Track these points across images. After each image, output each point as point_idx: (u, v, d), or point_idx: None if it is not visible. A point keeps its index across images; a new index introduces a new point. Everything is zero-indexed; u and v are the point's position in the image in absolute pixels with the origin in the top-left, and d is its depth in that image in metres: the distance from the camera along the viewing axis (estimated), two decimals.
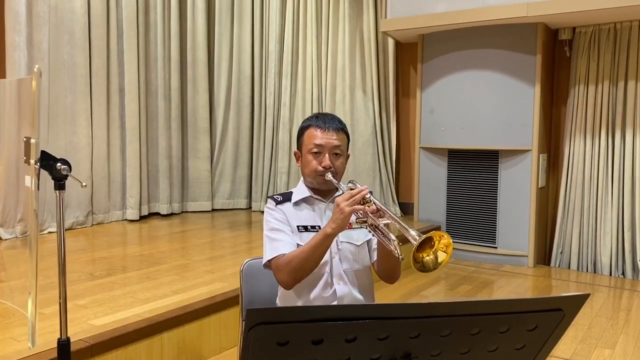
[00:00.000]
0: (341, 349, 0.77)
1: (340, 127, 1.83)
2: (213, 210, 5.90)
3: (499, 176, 4.84)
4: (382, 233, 1.56)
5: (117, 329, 2.38)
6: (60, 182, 1.39)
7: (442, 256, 1.41)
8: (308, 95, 5.64)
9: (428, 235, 1.38)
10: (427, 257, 1.40)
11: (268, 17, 5.84)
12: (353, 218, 1.65)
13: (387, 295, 3.86)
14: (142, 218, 5.29)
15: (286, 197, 1.84)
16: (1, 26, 4.26)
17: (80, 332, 2.36)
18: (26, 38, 4.30)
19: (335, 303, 1.72)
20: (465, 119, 4.91)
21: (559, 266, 4.84)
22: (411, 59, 5.55)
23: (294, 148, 6.75)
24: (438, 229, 2.96)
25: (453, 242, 1.45)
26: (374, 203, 1.60)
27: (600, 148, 4.60)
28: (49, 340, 2.20)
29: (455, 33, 4.89)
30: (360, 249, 1.80)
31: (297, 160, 1.88)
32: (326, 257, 1.74)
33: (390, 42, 5.54)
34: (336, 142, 1.78)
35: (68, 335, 1.62)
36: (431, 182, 5.21)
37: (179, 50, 5.52)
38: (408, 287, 4.12)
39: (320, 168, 1.76)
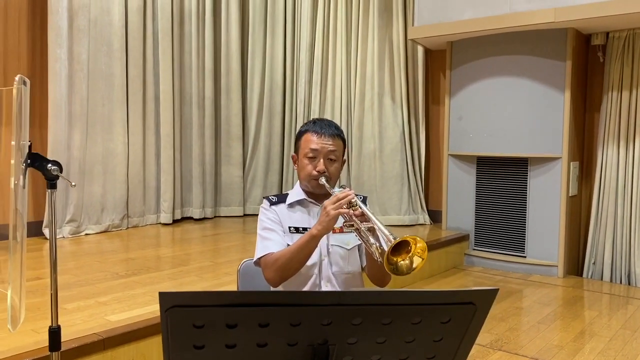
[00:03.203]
0: (256, 333, 0.83)
1: (336, 133, 1.87)
2: (245, 215, 6.04)
3: (528, 184, 4.76)
4: (364, 237, 1.60)
5: (130, 324, 2.50)
6: (52, 182, 1.51)
7: (417, 261, 1.45)
8: (337, 102, 5.71)
9: (403, 238, 1.42)
10: (402, 261, 1.44)
11: (300, 27, 5.96)
12: (342, 222, 1.70)
13: None
14: (176, 222, 5.47)
15: (281, 198, 1.92)
16: (45, 39, 4.52)
17: (96, 326, 2.49)
18: (67, 50, 4.56)
19: None
20: (493, 126, 4.86)
21: (591, 277, 4.70)
22: (441, 65, 5.54)
23: None
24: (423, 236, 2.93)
25: (481, 250, 1.49)
26: (360, 207, 1.65)
27: (634, 155, 4.46)
28: (64, 333, 2.34)
29: (483, 40, 4.85)
30: (351, 252, 1.84)
31: (294, 163, 1.94)
32: (315, 259, 1.80)
33: (420, 50, 5.55)
34: (331, 148, 1.84)
35: (59, 323, 1.72)
36: (459, 190, 5.17)
37: (213, 60, 5.71)
38: None
39: (314, 172, 1.82)
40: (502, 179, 4.91)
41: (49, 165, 1.45)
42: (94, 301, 2.89)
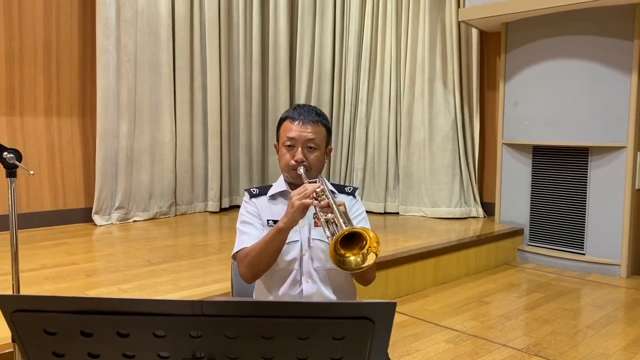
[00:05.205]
0: (119, 343, 0.74)
1: (317, 120, 1.75)
2: None
3: (588, 175, 4.38)
4: (324, 228, 1.51)
5: None
6: (10, 170, 1.49)
7: (371, 259, 1.36)
8: (386, 89, 5.50)
9: (351, 230, 1.34)
10: (351, 256, 1.34)
11: (349, 12, 5.77)
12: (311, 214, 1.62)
13: (446, 298, 3.66)
14: (223, 210, 5.51)
15: (262, 190, 1.83)
16: (93, 31, 4.65)
17: None
18: (115, 41, 4.66)
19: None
20: (551, 113, 4.50)
21: None
22: (497, 48, 5.20)
23: (370, 144, 6.47)
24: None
25: (536, 246, 1.37)
26: (327, 198, 1.54)
27: None
28: None
29: (540, 19, 4.50)
30: None
31: (277, 152, 1.84)
32: (296, 254, 1.71)
33: (474, 32, 5.24)
34: (310, 136, 1.71)
35: None
36: (514, 181, 4.85)
37: (261, 49, 5.67)
38: (473, 291, 3.87)
39: (292, 162, 1.72)
40: (560, 170, 4.55)
41: (5, 153, 1.44)
42: (116, 288, 2.93)
